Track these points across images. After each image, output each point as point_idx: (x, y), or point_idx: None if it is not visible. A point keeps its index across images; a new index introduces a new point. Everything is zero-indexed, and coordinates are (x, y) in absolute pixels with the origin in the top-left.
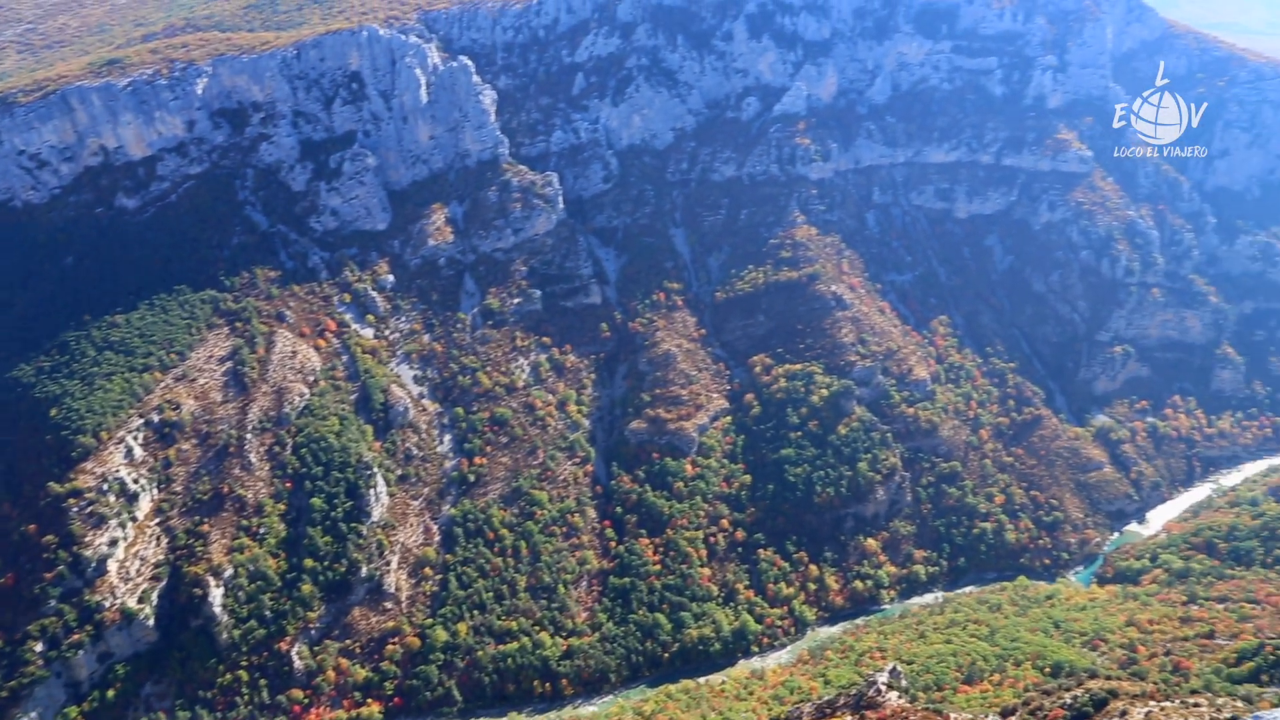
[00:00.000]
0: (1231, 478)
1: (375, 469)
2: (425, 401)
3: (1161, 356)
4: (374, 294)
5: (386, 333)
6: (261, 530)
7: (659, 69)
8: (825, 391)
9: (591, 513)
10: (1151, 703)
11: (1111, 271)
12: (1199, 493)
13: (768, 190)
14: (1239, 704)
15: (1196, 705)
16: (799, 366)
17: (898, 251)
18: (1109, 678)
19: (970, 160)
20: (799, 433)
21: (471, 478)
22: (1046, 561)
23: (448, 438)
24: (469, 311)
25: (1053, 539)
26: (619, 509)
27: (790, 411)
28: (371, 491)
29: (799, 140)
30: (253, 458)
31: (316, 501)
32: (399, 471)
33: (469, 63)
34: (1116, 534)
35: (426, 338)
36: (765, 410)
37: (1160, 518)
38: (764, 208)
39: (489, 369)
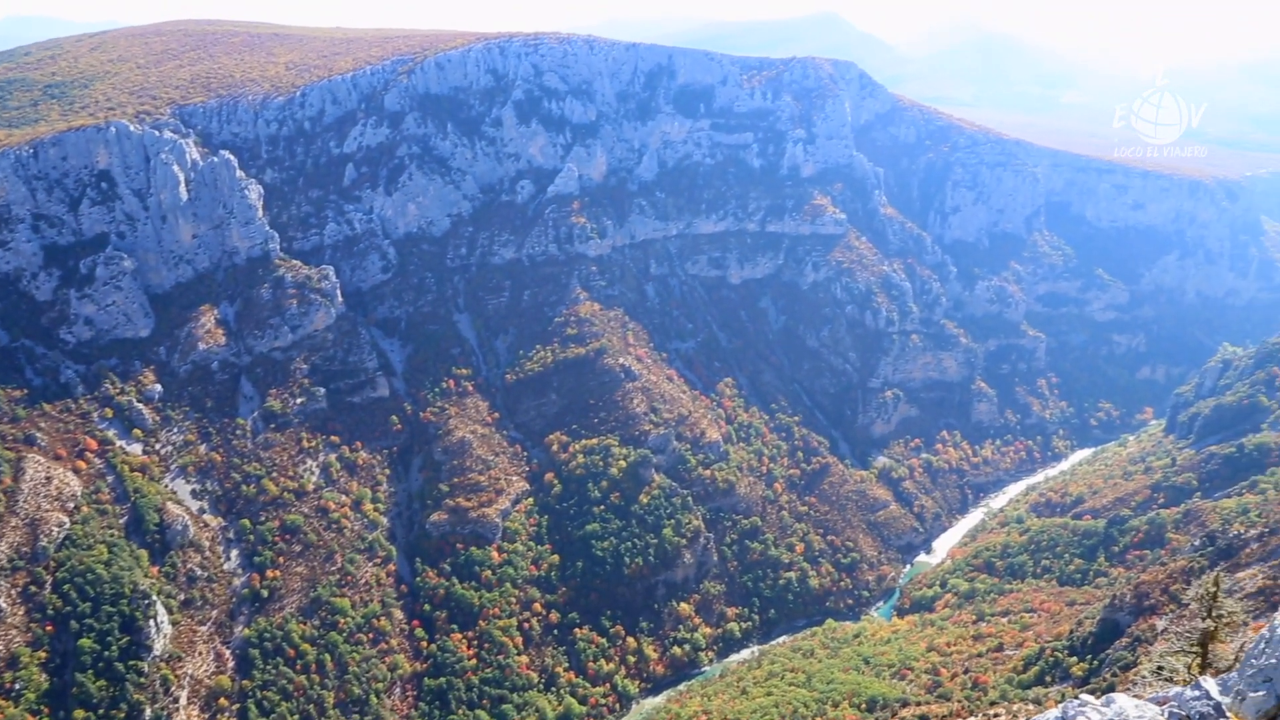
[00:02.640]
0: (999, 500)
1: (154, 597)
2: (206, 516)
3: (927, 396)
4: (140, 406)
5: (157, 447)
6: (17, 685)
7: (431, 156)
8: (623, 463)
9: (399, 614)
10: None
11: (875, 323)
12: (974, 518)
13: (548, 270)
14: (1030, 707)
15: (997, 715)
16: (595, 441)
17: (679, 320)
18: (919, 703)
19: (738, 229)
20: (602, 506)
21: (265, 593)
22: (850, 602)
23: (235, 552)
24: (248, 416)
25: (853, 579)
26: (427, 606)
27: (591, 486)
28: (151, 622)
29: (575, 219)
30: (2, 602)
31: (85, 642)
32: (182, 596)
33: (231, 157)
34: (908, 566)
35: (203, 448)
36: (566, 487)
37: (944, 545)
38: (546, 287)
39: (275, 474)
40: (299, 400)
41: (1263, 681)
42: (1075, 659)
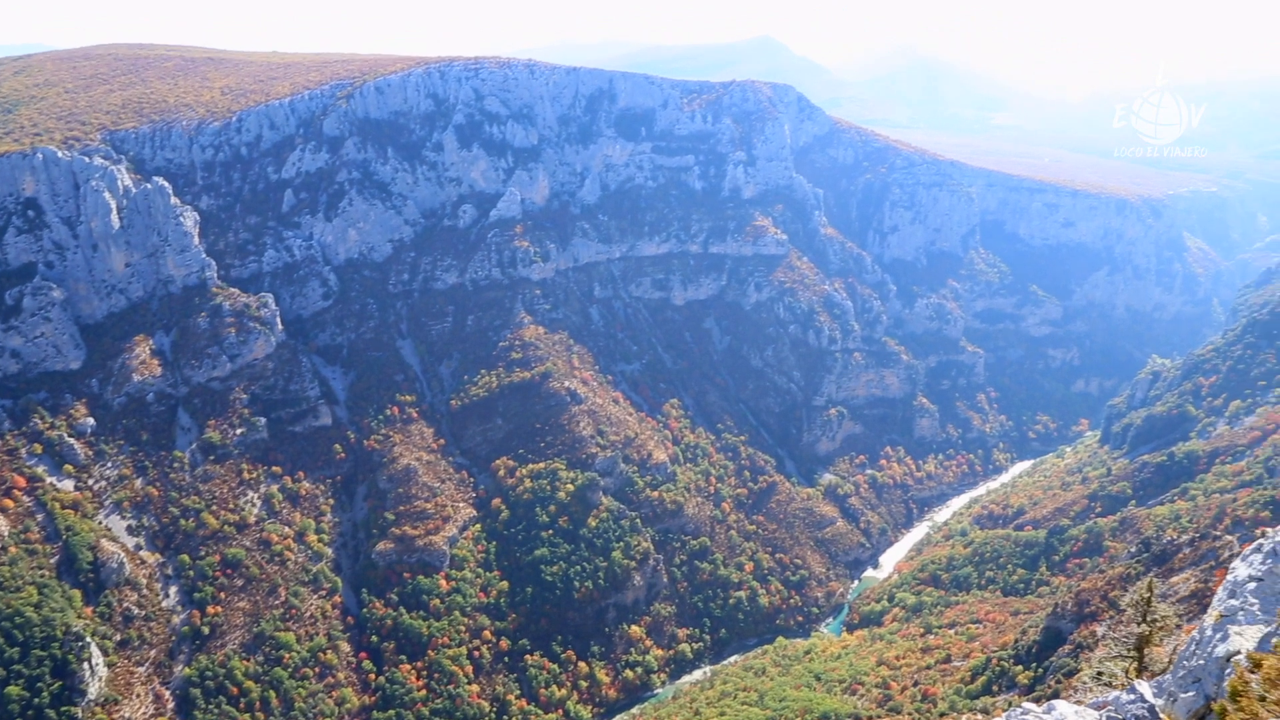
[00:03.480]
0: (943, 513)
1: (88, 638)
2: (143, 553)
3: (870, 413)
4: (71, 441)
5: (90, 482)
6: None
7: (371, 182)
8: (571, 486)
9: (345, 646)
10: None
11: (817, 341)
12: (919, 531)
13: (492, 294)
14: (979, 717)
15: None
16: (542, 465)
17: (624, 342)
18: (871, 717)
19: (681, 251)
20: (550, 531)
21: (206, 630)
22: (800, 619)
23: (174, 589)
24: (186, 448)
25: (802, 596)
26: (375, 638)
27: (539, 511)
28: (85, 665)
29: (518, 243)
30: None
31: (14, 690)
32: (118, 636)
33: (166, 184)
34: (856, 582)
35: (139, 482)
36: (514, 513)
37: (891, 560)
38: (490, 311)
39: (215, 507)
40: (239, 431)
41: (1192, 682)
42: (1021, 667)
